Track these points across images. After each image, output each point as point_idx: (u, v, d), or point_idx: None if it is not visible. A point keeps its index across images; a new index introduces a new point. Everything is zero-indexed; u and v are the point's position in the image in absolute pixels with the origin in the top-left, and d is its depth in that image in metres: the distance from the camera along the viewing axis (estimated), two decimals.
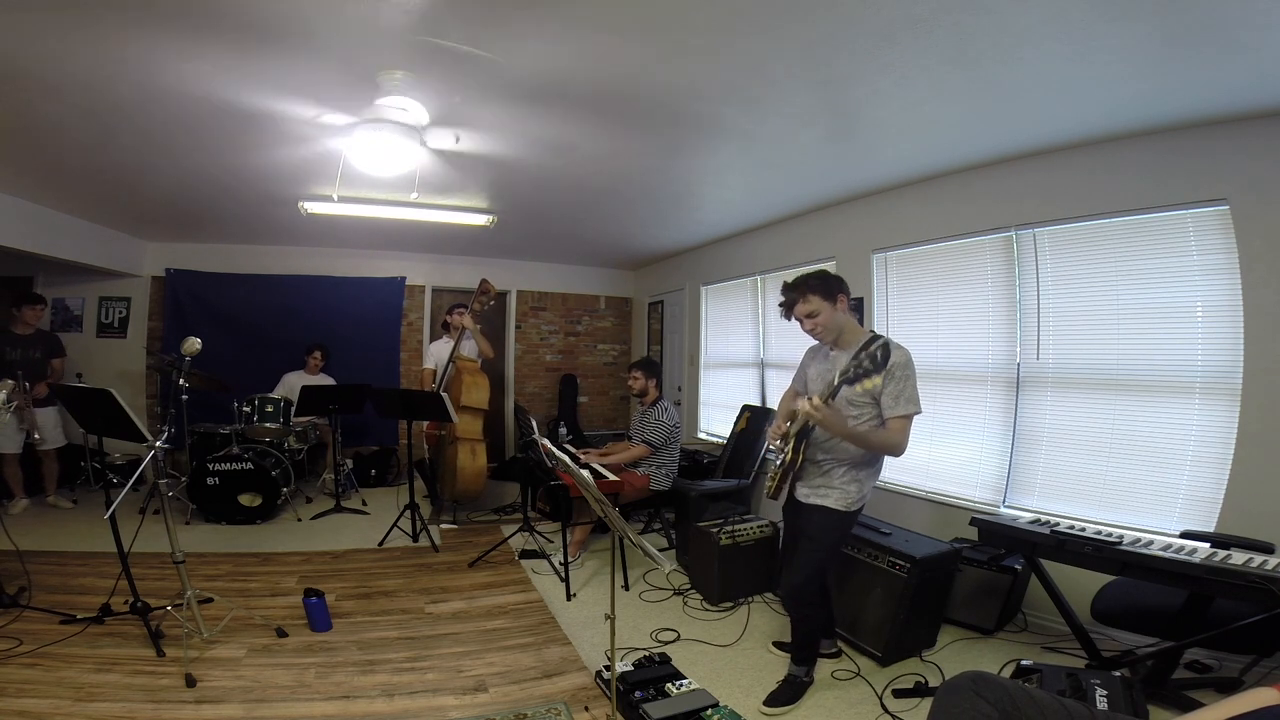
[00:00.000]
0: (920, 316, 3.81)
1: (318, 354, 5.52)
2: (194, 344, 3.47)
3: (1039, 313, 3.21)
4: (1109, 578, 2.41)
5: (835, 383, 2.10)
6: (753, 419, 4.79)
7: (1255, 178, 2.46)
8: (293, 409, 4.86)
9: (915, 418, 2.21)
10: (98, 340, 5.91)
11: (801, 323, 2.37)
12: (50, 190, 4.17)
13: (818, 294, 2.30)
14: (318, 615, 2.85)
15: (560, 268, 7.24)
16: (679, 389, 6.52)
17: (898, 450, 2.21)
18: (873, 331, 1.99)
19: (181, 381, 3.99)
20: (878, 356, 1.99)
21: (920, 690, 2.40)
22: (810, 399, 2.13)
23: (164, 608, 2.66)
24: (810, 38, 2.14)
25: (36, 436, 4.37)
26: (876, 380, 2.05)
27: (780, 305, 2.42)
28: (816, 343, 2.50)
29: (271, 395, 4.95)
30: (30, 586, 3.00)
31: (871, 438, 2.22)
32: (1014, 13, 1.92)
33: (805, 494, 2.42)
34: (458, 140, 3.15)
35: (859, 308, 3.98)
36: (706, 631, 2.98)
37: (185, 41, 2.22)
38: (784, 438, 2.41)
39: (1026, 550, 2.41)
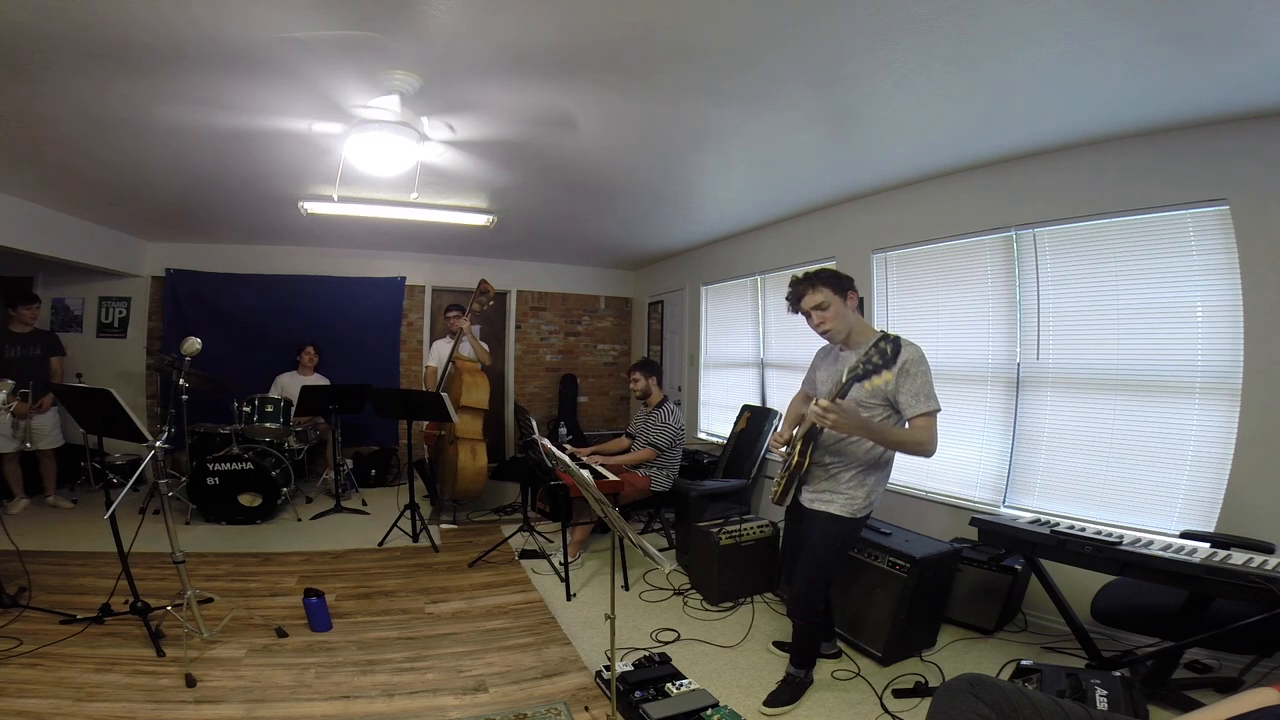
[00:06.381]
0: (920, 316, 3.81)
1: (311, 350, 5.49)
2: (194, 344, 3.47)
3: (1039, 313, 3.21)
4: (1109, 578, 2.41)
5: (844, 380, 2.02)
6: (753, 419, 4.79)
7: (1255, 178, 2.46)
8: (293, 409, 4.86)
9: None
10: (98, 340, 5.91)
11: (810, 317, 2.32)
12: (51, 190, 4.17)
13: (828, 286, 2.27)
14: (318, 615, 2.85)
15: (560, 268, 7.23)
16: (679, 389, 6.52)
17: (927, 449, 2.09)
18: (883, 331, 1.95)
19: (181, 381, 3.98)
20: (888, 351, 1.92)
21: (920, 690, 2.40)
22: (818, 401, 2.04)
23: (164, 608, 2.66)
24: (810, 37, 2.13)
25: (28, 445, 4.36)
26: (888, 376, 1.97)
27: (788, 299, 2.38)
28: (826, 344, 2.47)
29: (271, 395, 4.95)
30: (30, 586, 3.00)
31: (896, 434, 2.13)
32: (1013, 13, 1.92)
33: (809, 498, 2.38)
34: (453, 130, 3.11)
35: (860, 308, 3.99)
36: (707, 631, 2.98)
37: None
38: (789, 443, 2.36)
39: (1026, 550, 2.41)
